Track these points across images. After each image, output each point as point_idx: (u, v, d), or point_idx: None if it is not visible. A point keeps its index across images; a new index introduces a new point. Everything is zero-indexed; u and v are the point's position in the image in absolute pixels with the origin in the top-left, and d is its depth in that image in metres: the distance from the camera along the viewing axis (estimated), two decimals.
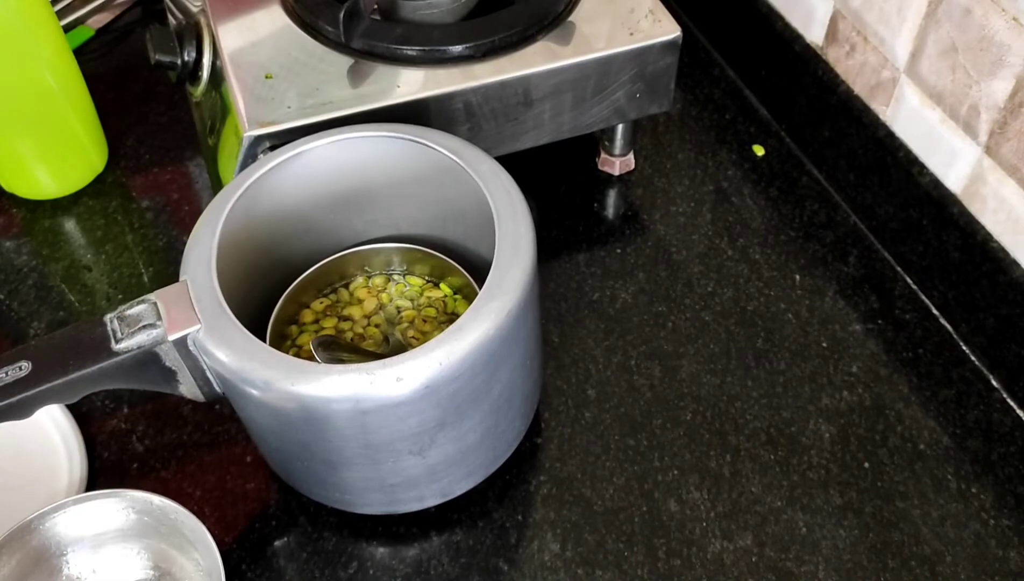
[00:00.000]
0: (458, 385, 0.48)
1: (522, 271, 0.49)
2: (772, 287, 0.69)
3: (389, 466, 0.51)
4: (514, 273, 0.49)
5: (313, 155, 0.56)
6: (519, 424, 0.58)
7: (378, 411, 0.47)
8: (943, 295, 0.67)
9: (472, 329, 0.47)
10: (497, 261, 0.50)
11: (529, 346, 0.54)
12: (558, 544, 0.56)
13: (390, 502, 0.55)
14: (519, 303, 0.49)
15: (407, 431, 0.49)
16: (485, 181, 0.53)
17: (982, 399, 0.63)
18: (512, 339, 0.49)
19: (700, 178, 0.77)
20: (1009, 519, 0.57)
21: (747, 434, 0.61)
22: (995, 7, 0.56)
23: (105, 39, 0.89)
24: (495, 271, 0.49)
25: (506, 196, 0.52)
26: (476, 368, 0.48)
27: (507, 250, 0.50)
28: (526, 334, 0.52)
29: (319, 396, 0.46)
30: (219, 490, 0.59)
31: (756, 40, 0.81)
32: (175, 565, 0.54)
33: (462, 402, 0.49)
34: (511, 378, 0.52)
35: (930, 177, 0.65)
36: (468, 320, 0.47)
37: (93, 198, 0.76)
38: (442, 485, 0.55)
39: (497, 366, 0.50)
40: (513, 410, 0.55)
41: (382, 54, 0.63)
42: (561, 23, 0.66)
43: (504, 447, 0.57)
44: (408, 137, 0.56)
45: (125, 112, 0.82)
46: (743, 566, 0.55)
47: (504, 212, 0.52)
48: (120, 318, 0.48)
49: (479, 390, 0.49)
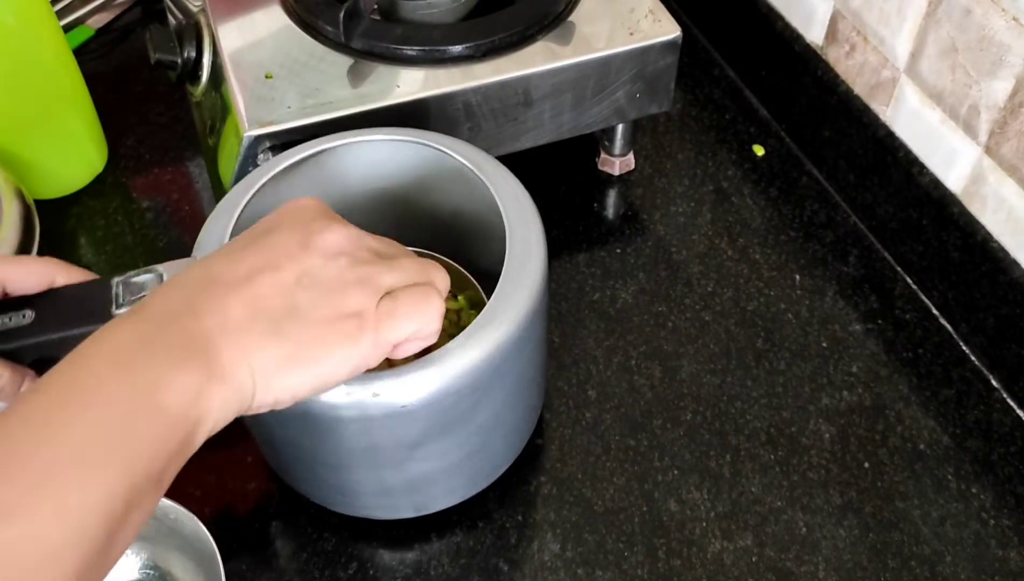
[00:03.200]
0: (444, 405, 0.47)
1: (527, 300, 0.48)
2: (772, 287, 0.69)
3: (369, 474, 0.51)
4: (518, 301, 0.48)
5: (326, 157, 0.55)
6: (514, 441, 0.57)
7: (355, 421, 0.47)
8: (943, 295, 0.67)
9: (463, 353, 0.46)
10: (501, 288, 0.48)
11: (534, 361, 0.53)
12: (558, 544, 0.56)
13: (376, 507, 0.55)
14: (517, 333, 0.48)
15: (388, 442, 0.49)
16: (498, 190, 0.52)
17: (982, 399, 0.63)
18: (512, 358, 0.48)
19: (700, 178, 0.77)
20: (1009, 519, 0.57)
21: (747, 434, 0.61)
22: (995, 7, 0.56)
23: (105, 39, 0.89)
24: (496, 300, 0.48)
25: (516, 204, 0.52)
26: (463, 392, 0.47)
27: (514, 271, 0.49)
28: (529, 354, 0.51)
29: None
30: (219, 490, 0.59)
31: (756, 40, 0.81)
32: (175, 565, 0.54)
33: (448, 421, 0.48)
34: (501, 405, 0.52)
35: (930, 177, 0.65)
36: (458, 344, 0.46)
37: (93, 198, 0.76)
38: (424, 498, 0.55)
39: (486, 391, 0.49)
40: (505, 429, 0.55)
41: (382, 54, 0.63)
42: (561, 23, 0.66)
43: (496, 466, 0.57)
44: (424, 142, 0.55)
45: (125, 112, 0.82)
46: (743, 566, 0.55)
47: (515, 222, 0.51)
48: (125, 284, 0.47)
49: (466, 412, 0.49)
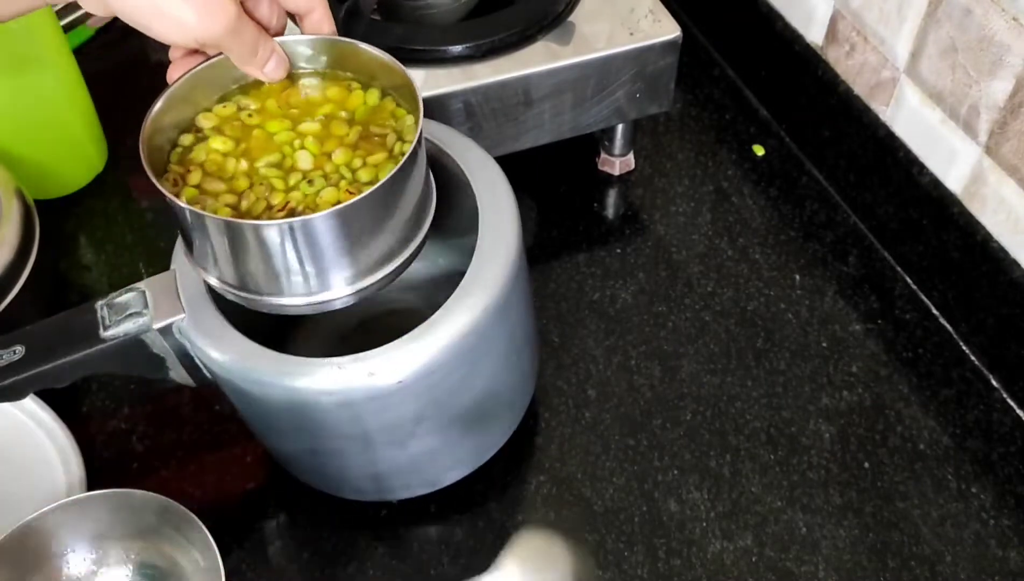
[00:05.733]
0: (433, 380, 0.47)
1: (505, 264, 0.49)
2: (772, 287, 0.69)
3: (368, 455, 0.51)
4: (495, 268, 0.48)
5: None
6: (508, 418, 0.58)
7: (347, 404, 0.47)
8: (943, 295, 0.67)
9: (446, 325, 0.47)
10: (478, 255, 0.49)
11: (514, 341, 0.53)
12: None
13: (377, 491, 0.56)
14: (498, 299, 0.48)
15: (386, 422, 0.49)
16: (471, 170, 0.52)
17: (982, 399, 0.63)
18: (491, 335, 0.49)
19: (700, 178, 0.77)
20: (1009, 519, 0.57)
21: (747, 434, 0.61)
22: (995, 7, 0.56)
23: (105, 39, 0.89)
24: (475, 265, 0.48)
25: (490, 186, 0.52)
26: (453, 364, 0.47)
27: (489, 242, 0.49)
28: (509, 330, 0.51)
29: (300, 387, 0.46)
30: (219, 490, 0.59)
31: (756, 40, 0.81)
32: (175, 565, 0.54)
33: (444, 393, 0.49)
34: (494, 372, 0.52)
35: (930, 177, 0.65)
36: (442, 316, 0.47)
37: (93, 198, 0.76)
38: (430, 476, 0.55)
39: (477, 361, 0.49)
40: (501, 403, 0.55)
41: None
42: (561, 23, 0.66)
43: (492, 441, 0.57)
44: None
45: (125, 112, 0.81)
46: (743, 566, 0.55)
47: (487, 203, 0.51)
48: (109, 305, 0.48)
49: (457, 384, 0.49)
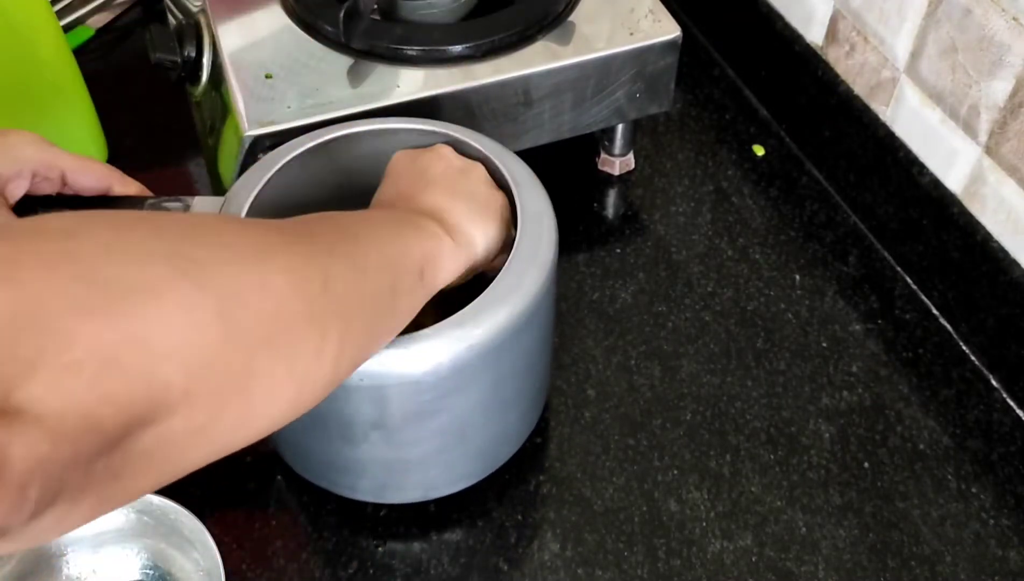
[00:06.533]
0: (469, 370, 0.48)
1: (541, 270, 0.50)
2: (772, 287, 0.69)
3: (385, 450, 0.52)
4: (534, 268, 0.49)
5: (342, 142, 0.55)
6: (521, 426, 0.58)
7: (377, 388, 0.47)
8: (943, 295, 0.67)
9: (487, 315, 0.47)
10: (515, 255, 0.50)
11: (535, 352, 0.53)
12: (558, 544, 0.56)
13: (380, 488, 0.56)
14: (536, 299, 0.49)
15: (408, 411, 0.49)
16: (506, 166, 0.53)
17: (982, 399, 0.63)
18: (528, 326, 0.49)
19: (700, 178, 0.77)
20: (1009, 519, 0.57)
21: (747, 434, 0.61)
22: (995, 7, 0.56)
23: (105, 39, 0.89)
24: (507, 274, 0.49)
25: (525, 176, 0.53)
26: (489, 359, 0.48)
27: (526, 250, 0.50)
28: (540, 325, 0.52)
29: None
30: (219, 490, 0.59)
31: (756, 40, 0.81)
32: (175, 565, 0.54)
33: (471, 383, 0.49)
34: (519, 373, 0.53)
35: (930, 177, 0.65)
36: (477, 309, 0.47)
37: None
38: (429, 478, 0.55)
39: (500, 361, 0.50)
40: (518, 410, 0.55)
41: (382, 54, 0.63)
42: (561, 23, 0.66)
43: (503, 451, 0.57)
44: (433, 129, 0.55)
45: (125, 112, 0.81)
46: (743, 566, 0.55)
47: (526, 194, 0.52)
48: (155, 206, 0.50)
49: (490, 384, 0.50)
